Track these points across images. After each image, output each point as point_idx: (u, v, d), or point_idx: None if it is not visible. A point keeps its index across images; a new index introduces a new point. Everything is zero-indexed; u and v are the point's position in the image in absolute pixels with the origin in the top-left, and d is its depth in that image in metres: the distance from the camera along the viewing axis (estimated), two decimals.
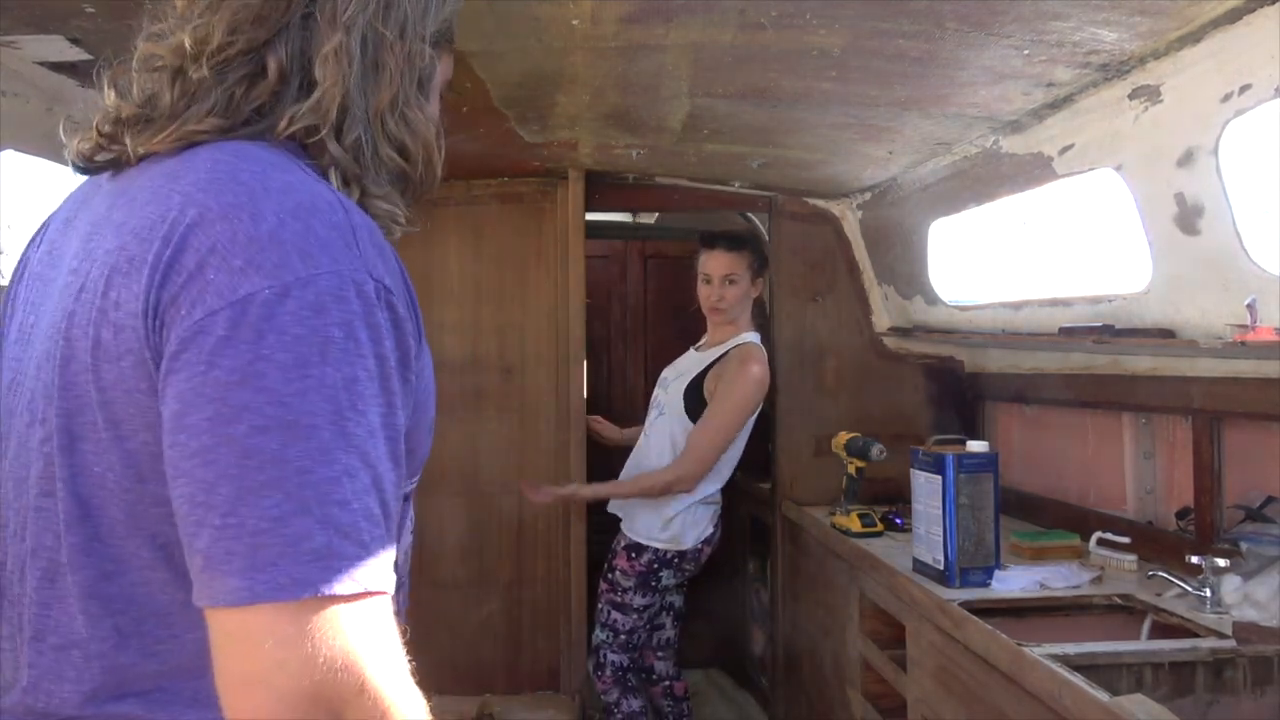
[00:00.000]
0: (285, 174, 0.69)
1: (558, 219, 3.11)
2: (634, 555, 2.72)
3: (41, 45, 1.56)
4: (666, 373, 2.90)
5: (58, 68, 1.66)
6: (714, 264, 2.75)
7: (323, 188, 0.71)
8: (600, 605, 2.78)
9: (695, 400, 2.71)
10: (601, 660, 2.78)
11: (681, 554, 2.73)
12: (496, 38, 1.64)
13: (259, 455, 0.60)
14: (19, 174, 1.83)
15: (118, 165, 0.78)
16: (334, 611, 0.60)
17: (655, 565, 2.71)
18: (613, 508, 2.83)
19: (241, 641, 0.59)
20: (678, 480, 2.63)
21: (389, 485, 0.65)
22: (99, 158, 0.79)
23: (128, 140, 0.75)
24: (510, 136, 2.43)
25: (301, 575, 0.59)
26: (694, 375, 2.75)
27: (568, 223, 3.07)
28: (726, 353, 2.74)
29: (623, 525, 2.79)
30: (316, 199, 0.68)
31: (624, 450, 3.25)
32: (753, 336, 2.79)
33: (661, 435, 2.75)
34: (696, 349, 2.91)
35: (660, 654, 2.92)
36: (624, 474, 2.85)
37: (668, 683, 2.94)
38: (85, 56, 1.62)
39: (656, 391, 2.89)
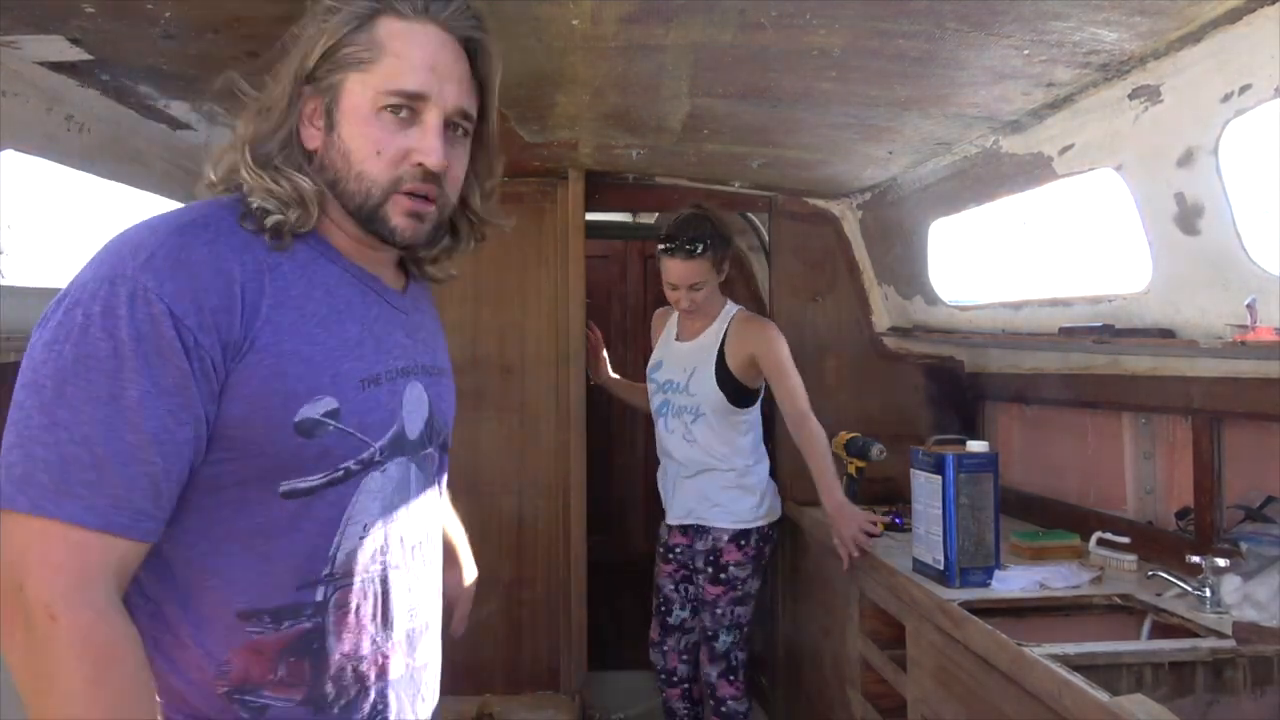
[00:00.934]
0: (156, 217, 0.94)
1: (558, 219, 3.11)
2: (744, 543, 2.69)
3: (41, 45, 1.56)
4: (661, 375, 2.82)
5: (58, 68, 1.66)
6: (675, 273, 2.67)
7: (172, 217, 0.94)
8: (719, 611, 2.68)
9: (731, 384, 2.67)
10: (734, 664, 2.70)
11: (775, 525, 2.76)
12: (497, 38, 1.63)
13: (13, 405, 0.85)
14: (19, 174, 1.83)
15: None
16: (29, 525, 0.82)
17: (762, 544, 2.72)
18: (681, 509, 2.77)
19: None
20: (818, 427, 2.59)
21: (86, 441, 0.83)
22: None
23: None
24: (510, 136, 2.43)
25: (1, 491, 0.83)
26: (712, 364, 2.69)
27: (568, 223, 3.07)
28: (727, 327, 2.72)
29: (705, 521, 2.71)
30: (140, 227, 0.92)
31: (624, 448, 3.27)
32: (735, 307, 2.79)
33: (709, 434, 2.69)
34: (680, 340, 2.82)
35: (685, 657, 2.87)
36: (670, 468, 2.79)
37: (688, 685, 2.89)
38: (85, 56, 1.62)
39: (664, 396, 2.79)
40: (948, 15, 1.49)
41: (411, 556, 1.08)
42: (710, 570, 2.69)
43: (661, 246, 2.69)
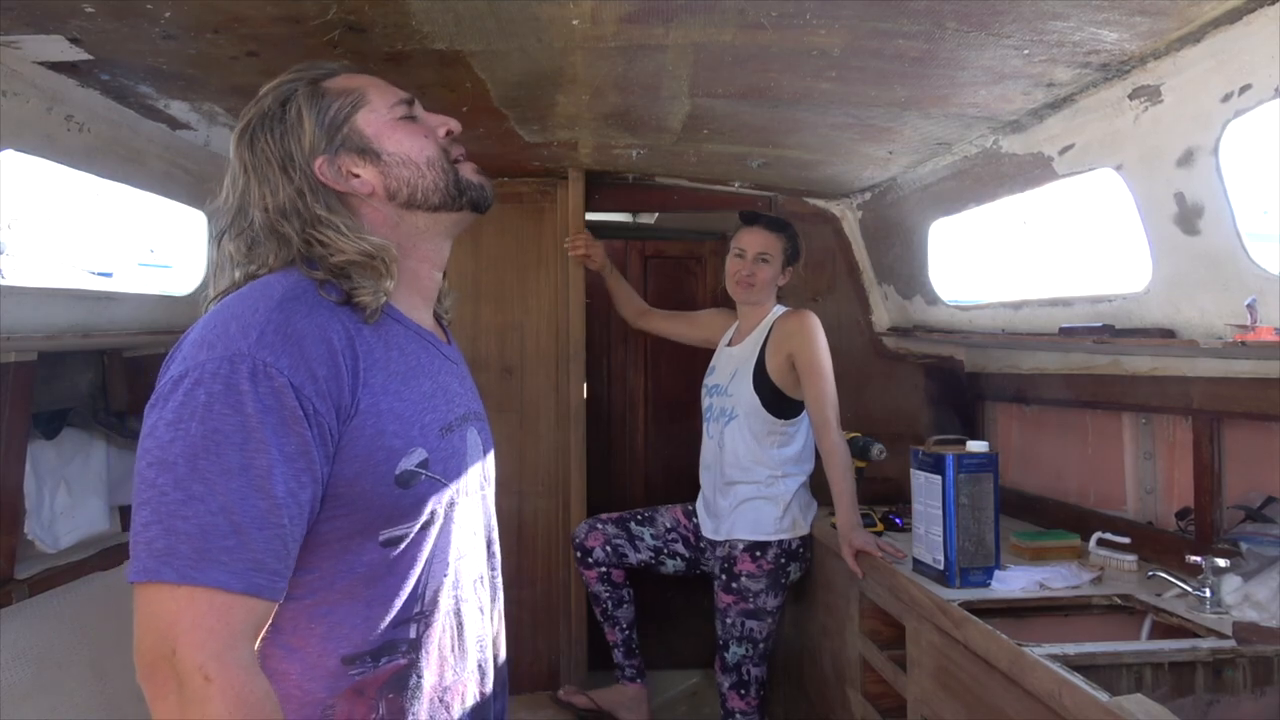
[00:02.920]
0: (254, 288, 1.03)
1: (558, 219, 3.11)
2: (758, 555, 2.59)
3: (41, 45, 1.56)
4: (711, 380, 2.80)
5: (58, 68, 1.66)
6: (750, 240, 2.65)
7: (262, 291, 1.01)
8: (729, 620, 2.60)
9: (768, 388, 2.61)
10: (745, 678, 2.60)
11: (804, 540, 2.63)
12: (496, 38, 1.63)
13: (141, 483, 0.90)
14: (19, 174, 1.83)
15: None
16: (176, 594, 0.86)
17: (782, 559, 2.60)
18: (707, 513, 2.73)
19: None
20: (840, 442, 2.50)
21: (225, 511, 0.88)
22: None
23: None
24: (510, 136, 2.43)
25: (149, 566, 0.87)
26: (752, 366, 2.64)
27: (567, 223, 3.07)
28: (770, 329, 2.65)
29: (722, 531, 2.65)
30: (239, 306, 0.98)
31: (624, 448, 3.25)
32: (782, 308, 2.71)
33: (736, 438, 2.63)
34: (729, 345, 2.80)
35: (608, 549, 2.83)
36: (704, 479, 2.75)
37: (605, 569, 2.84)
38: (85, 56, 1.62)
39: (709, 400, 2.76)
40: (948, 15, 1.49)
41: (475, 590, 1.15)
42: (724, 578, 2.63)
43: (743, 214, 2.70)
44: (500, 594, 1.25)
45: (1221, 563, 1.78)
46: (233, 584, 0.88)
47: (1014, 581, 2.04)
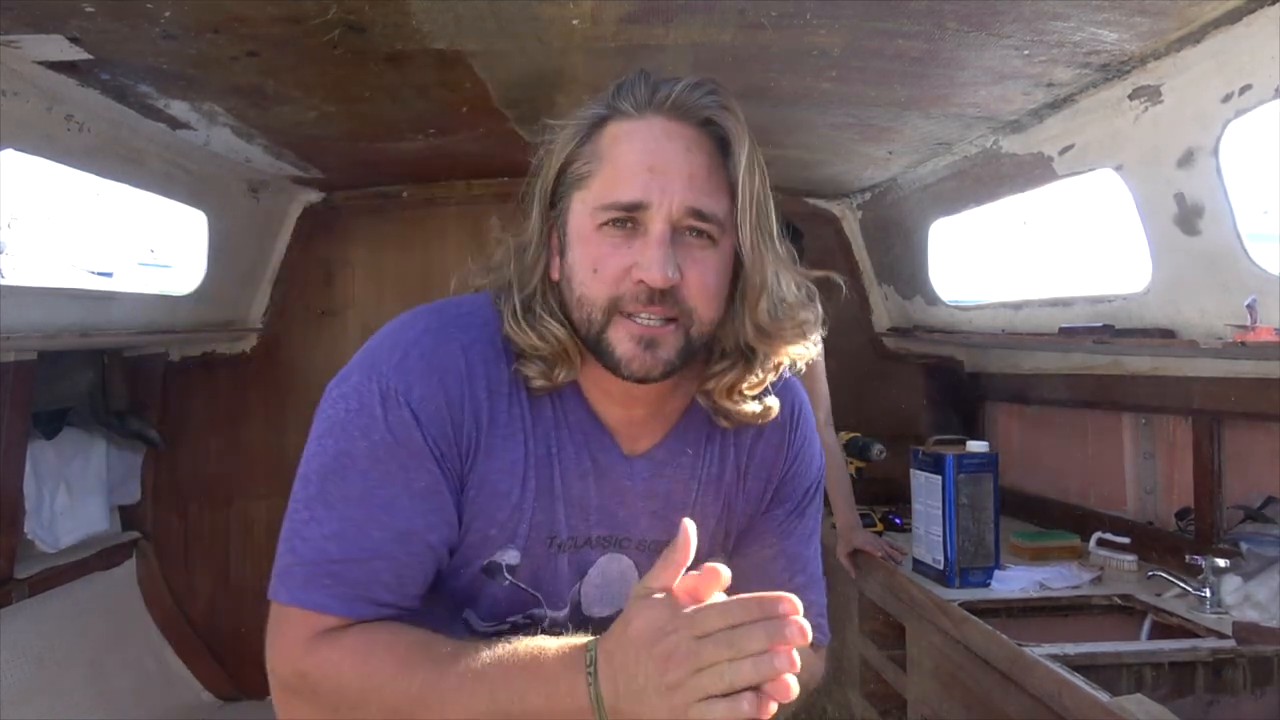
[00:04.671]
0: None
1: None
2: None
3: (41, 45, 1.56)
4: None
5: (58, 68, 1.66)
6: None
7: (439, 310, 0.94)
8: None
9: None
10: None
11: None
12: (497, 38, 1.63)
13: (291, 497, 0.88)
14: (19, 174, 1.84)
15: None
16: (285, 613, 0.85)
17: None
18: None
19: None
20: (832, 441, 2.49)
21: (341, 537, 0.84)
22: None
23: None
24: (510, 136, 2.43)
25: (273, 584, 0.86)
26: None
27: None
28: None
29: None
30: (406, 317, 0.93)
31: None
32: None
33: None
34: None
35: None
36: None
37: None
38: (85, 56, 1.61)
39: None
40: (948, 15, 1.49)
41: None
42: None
43: None
44: None
45: (1221, 563, 1.78)
46: (333, 607, 0.84)
47: (1014, 581, 2.04)
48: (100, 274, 9.15)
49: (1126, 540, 2.16)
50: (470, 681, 0.78)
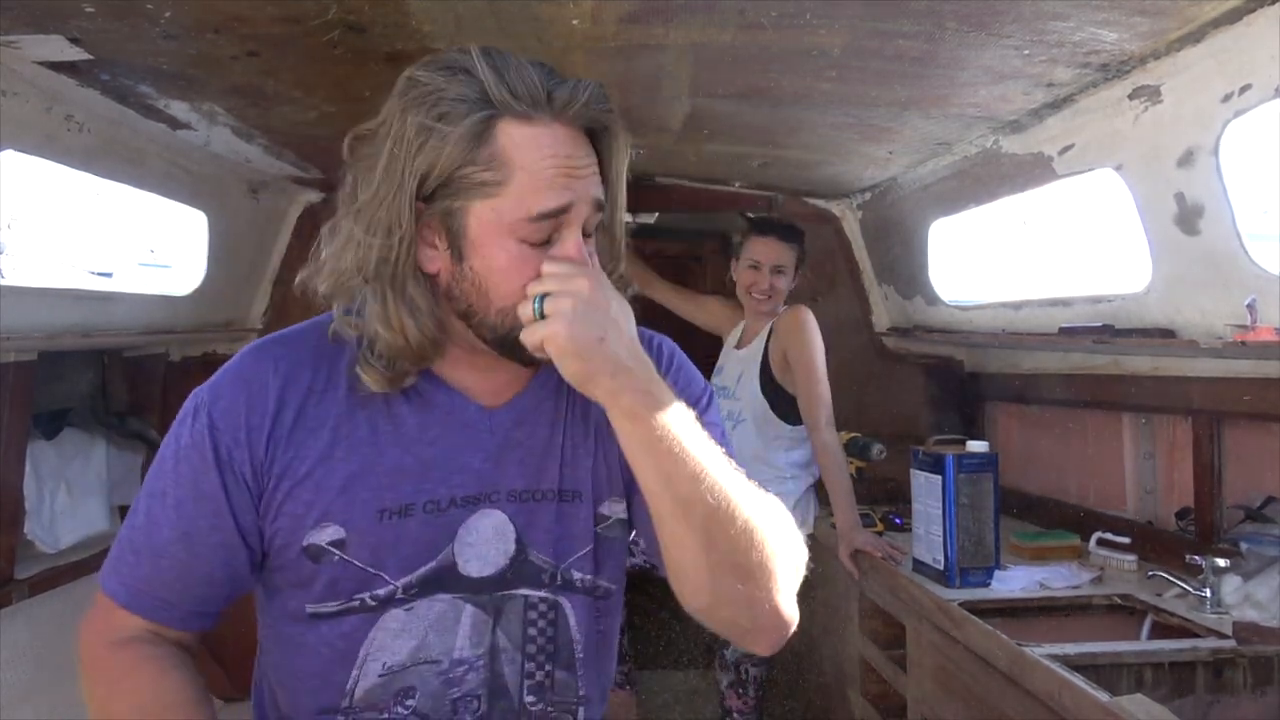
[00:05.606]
0: None
1: None
2: None
3: (41, 45, 1.56)
4: (719, 381, 2.77)
5: (58, 68, 1.66)
6: (765, 251, 2.63)
7: (246, 349, 1.00)
8: None
9: (773, 389, 2.60)
10: (744, 677, 2.57)
11: (810, 540, 2.62)
12: (497, 38, 1.63)
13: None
14: (19, 174, 1.84)
15: None
16: (99, 594, 0.95)
17: None
18: None
19: None
20: (832, 440, 2.48)
21: (139, 529, 0.93)
22: None
23: None
24: None
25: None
26: (757, 369, 2.63)
27: None
28: (771, 328, 2.65)
29: None
30: (238, 353, 0.99)
31: None
32: (785, 308, 2.69)
33: (743, 442, 2.58)
34: (737, 347, 2.78)
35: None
36: None
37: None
38: (85, 56, 1.61)
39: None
40: (948, 15, 1.49)
41: (460, 715, 0.95)
42: None
43: (753, 218, 2.64)
44: None
45: (1221, 563, 1.78)
46: (120, 596, 0.93)
47: (1014, 581, 2.04)
48: (100, 274, 9.16)
49: (1126, 540, 2.16)
50: None
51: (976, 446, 2.05)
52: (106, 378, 2.68)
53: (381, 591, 0.93)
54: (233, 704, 2.83)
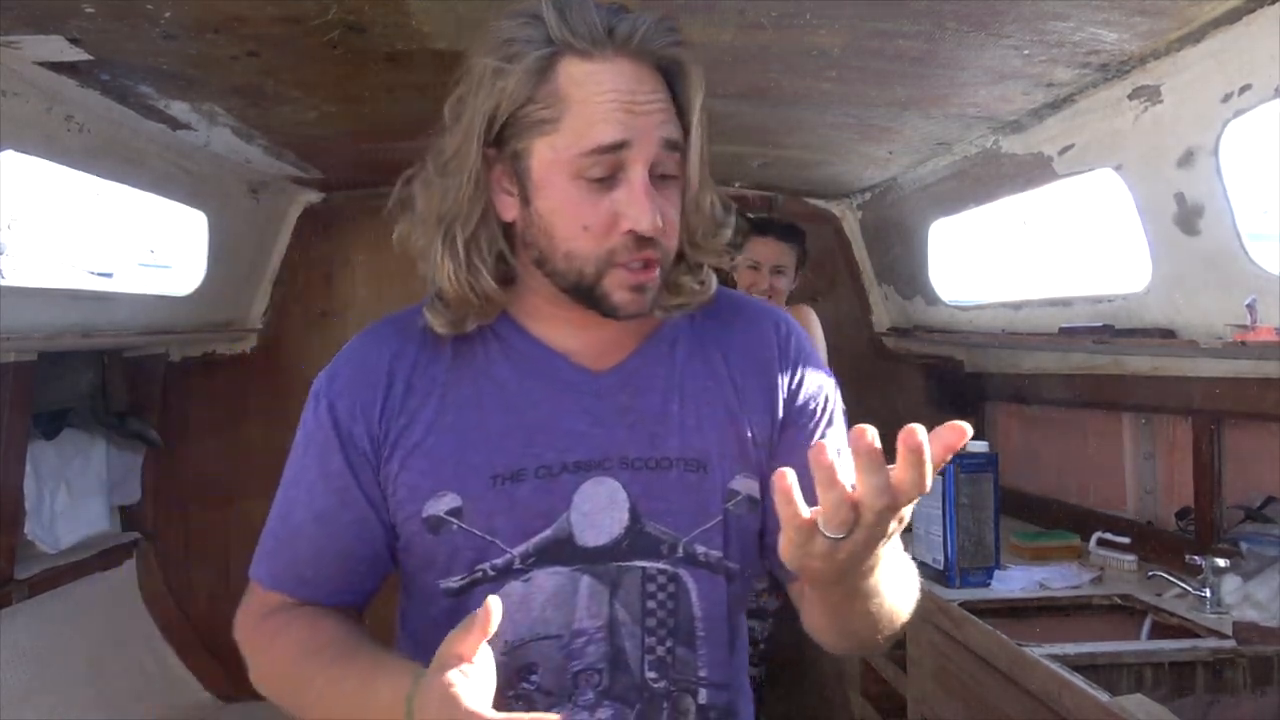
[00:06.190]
0: None
1: None
2: None
3: (41, 45, 1.56)
4: None
5: (58, 68, 1.66)
6: (765, 251, 2.59)
7: (360, 333, 1.00)
8: None
9: None
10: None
11: None
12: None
13: None
14: (19, 174, 1.84)
15: None
16: (250, 583, 0.97)
17: None
18: None
19: None
20: None
21: (279, 517, 0.96)
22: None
23: None
24: None
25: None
26: None
27: None
28: None
29: None
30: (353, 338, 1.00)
31: None
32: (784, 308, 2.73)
33: None
34: None
35: None
36: None
37: None
38: (85, 56, 1.62)
39: None
40: (948, 15, 1.49)
41: (582, 689, 0.91)
42: None
43: (753, 218, 2.64)
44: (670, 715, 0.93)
45: (1221, 563, 1.78)
46: (265, 580, 0.95)
47: (1014, 581, 2.04)
48: (100, 274, 9.16)
49: (1126, 540, 2.16)
50: (317, 698, 0.87)
51: (976, 446, 2.05)
52: (106, 378, 2.68)
53: (500, 561, 0.90)
54: (233, 704, 2.83)
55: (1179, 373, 2.10)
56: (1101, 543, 2.18)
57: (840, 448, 0.66)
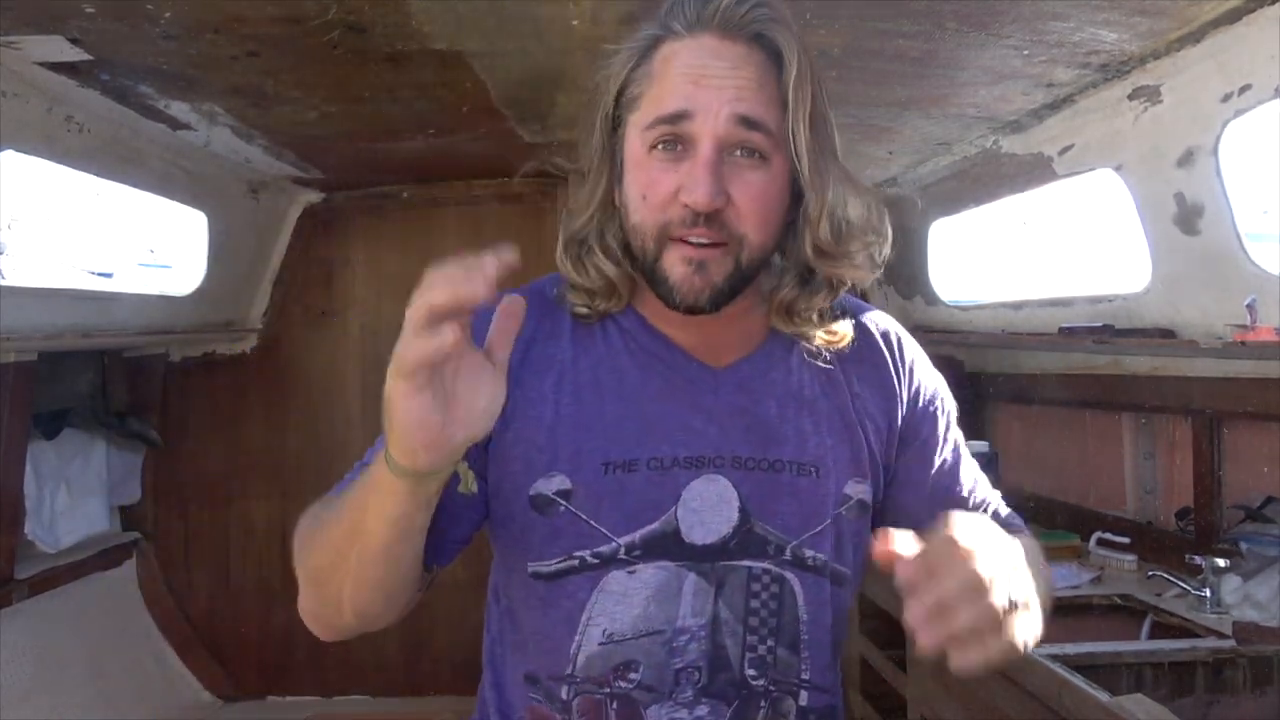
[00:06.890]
0: None
1: (558, 220, 3.10)
2: None
3: (41, 45, 1.56)
4: None
5: (58, 68, 1.66)
6: None
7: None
8: None
9: None
10: None
11: None
12: (497, 38, 1.64)
13: None
14: (19, 174, 1.84)
15: None
16: None
17: None
18: None
19: None
20: None
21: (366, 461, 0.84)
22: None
23: None
24: (510, 136, 2.43)
25: None
26: None
27: None
28: None
29: None
30: None
31: None
32: None
33: None
34: None
35: None
36: None
37: None
38: (85, 56, 1.62)
39: None
40: (948, 15, 1.49)
41: (682, 686, 0.89)
42: None
43: None
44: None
45: (1221, 563, 1.78)
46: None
47: None
48: (100, 274, 9.15)
49: (1126, 540, 2.16)
50: (335, 520, 0.80)
51: (977, 446, 2.05)
52: (106, 378, 2.68)
53: (604, 549, 0.88)
54: (233, 704, 2.84)
55: (1179, 373, 2.10)
56: (1101, 543, 2.18)
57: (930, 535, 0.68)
